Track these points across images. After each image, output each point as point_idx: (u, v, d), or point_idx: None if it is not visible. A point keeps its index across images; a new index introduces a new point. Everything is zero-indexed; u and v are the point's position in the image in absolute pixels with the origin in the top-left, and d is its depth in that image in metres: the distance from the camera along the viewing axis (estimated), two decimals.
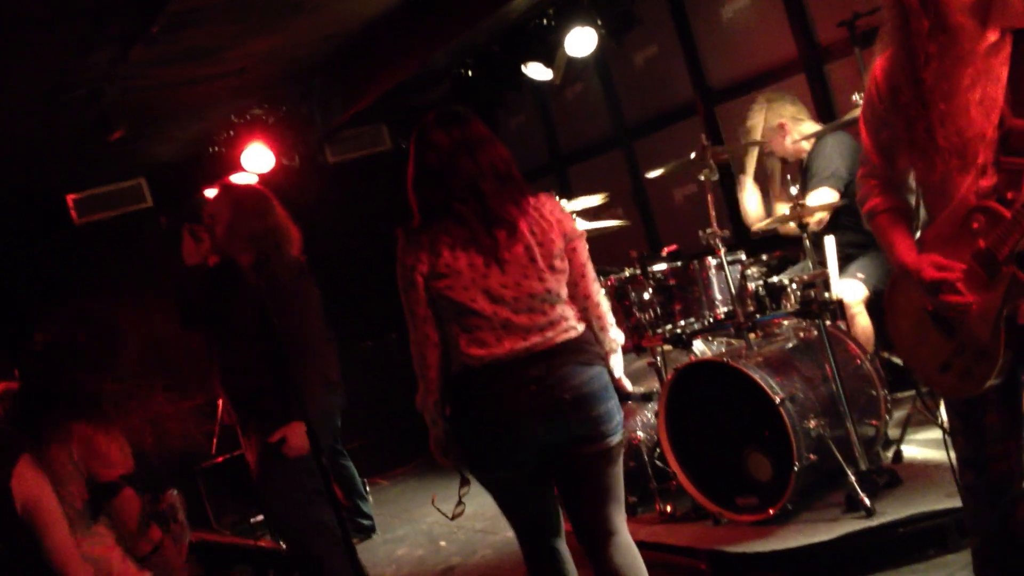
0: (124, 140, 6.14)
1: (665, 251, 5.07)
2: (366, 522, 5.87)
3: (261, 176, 6.93)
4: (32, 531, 2.68)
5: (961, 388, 2.39)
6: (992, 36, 2.22)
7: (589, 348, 2.94)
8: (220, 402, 5.54)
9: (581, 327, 2.95)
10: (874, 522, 3.70)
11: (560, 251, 2.93)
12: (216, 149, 6.99)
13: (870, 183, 2.56)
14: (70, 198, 7.43)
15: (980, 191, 2.23)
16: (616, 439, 2.92)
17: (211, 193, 7.23)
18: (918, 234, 2.48)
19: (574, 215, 5.06)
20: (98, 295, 7.67)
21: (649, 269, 4.66)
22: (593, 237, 5.17)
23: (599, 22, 5.83)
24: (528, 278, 2.86)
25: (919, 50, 2.23)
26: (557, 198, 4.94)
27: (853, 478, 3.86)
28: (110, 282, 7.82)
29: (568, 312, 2.93)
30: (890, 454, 4.29)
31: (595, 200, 5.20)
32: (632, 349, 4.74)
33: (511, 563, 4.77)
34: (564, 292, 2.94)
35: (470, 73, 6.50)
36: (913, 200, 2.54)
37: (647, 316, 4.62)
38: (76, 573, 2.73)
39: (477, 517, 5.31)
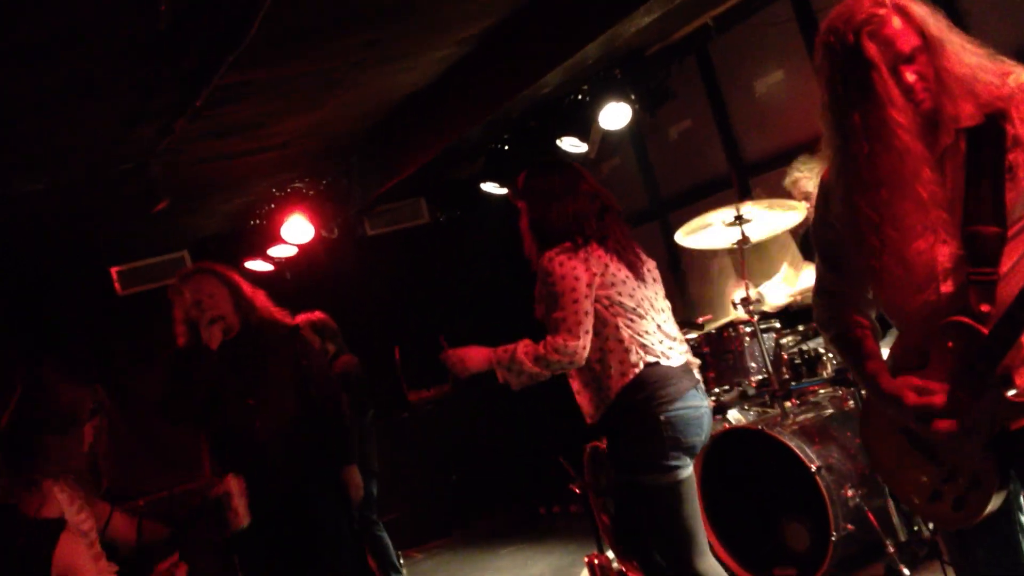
0: (167, 213, 6.29)
1: (700, 320, 5.07)
2: None
3: (300, 247, 7.04)
4: None
5: (957, 520, 2.16)
6: (946, 140, 2.09)
7: None
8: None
9: None
10: None
11: None
12: (257, 222, 7.13)
13: (829, 303, 2.37)
14: (114, 270, 7.59)
15: (941, 300, 2.09)
16: None
17: (257, 266, 7.37)
18: (885, 351, 2.31)
19: None
20: (139, 365, 7.80)
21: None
22: None
23: (633, 97, 5.92)
24: (662, 294, 3.49)
25: (861, 174, 2.10)
26: None
27: (892, 549, 3.79)
28: (152, 352, 7.94)
29: None
30: (930, 525, 4.19)
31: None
32: None
33: None
34: None
35: (505, 147, 6.60)
36: (874, 312, 2.35)
37: None
38: None
39: None
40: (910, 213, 2.07)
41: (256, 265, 7.53)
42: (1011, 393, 2.01)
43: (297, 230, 6.81)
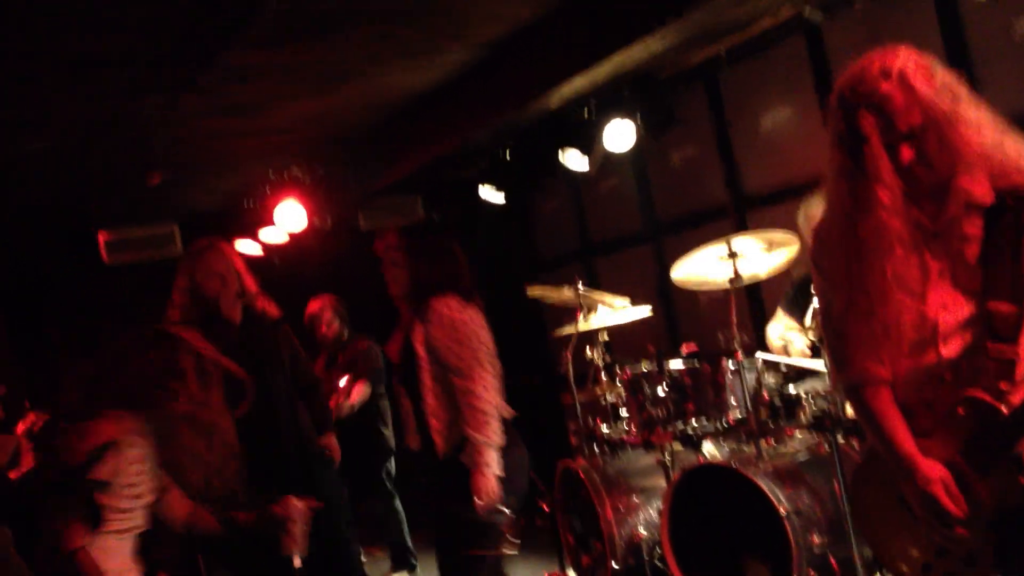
0: (162, 185, 6.25)
1: (684, 349, 5.06)
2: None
3: (292, 236, 7.00)
4: None
5: None
6: (954, 211, 2.08)
7: None
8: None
9: None
10: None
11: None
12: (251, 203, 7.08)
13: (843, 345, 2.26)
14: (102, 236, 7.52)
15: (943, 364, 2.09)
16: None
17: (246, 247, 7.33)
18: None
19: (600, 305, 5.07)
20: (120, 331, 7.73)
21: (666, 365, 4.65)
22: (615, 329, 5.20)
23: (639, 118, 5.91)
24: None
25: (845, 237, 2.13)
26: (582, 287, 5.00)
27: None
28: (134, 324, 7.88)
29: None
30: None
31: (619, 302, 5.21)
32: (641, 444, 4.71)
33: None
34: None
35: (508, 154, 6.59)
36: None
37: (659, 412, 4.60)
38: None
39: None
40: (883, 284, 2.09)
41: (245, 247, 7.48)
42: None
43: (290, 215, 6.76)
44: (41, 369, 6.79)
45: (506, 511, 3.52)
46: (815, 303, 4.41)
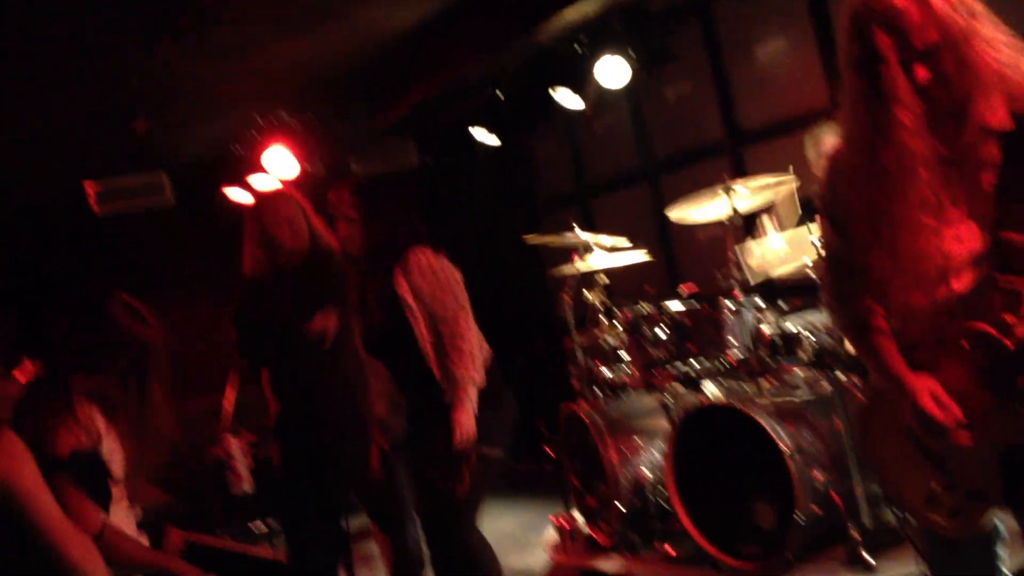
0: (148, 135, 6.15)
1: (684, 290, 5.04)
2: None
3: (284, 183, 6.92)
4: (13, 510, 2.50)
5: (949, 527, 2.16)
6: (970, 136, 2.03)
7: None
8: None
9: None
10: None
11: None
12: (239, 150, 6.99)
13: (841, 275, 2.26)
14: (90, 187, 7.43)
15: (954, 299, 2.05)
16: None
17: (236, 194, 7.26)
18: None
19: (596, 246, 5.05)
20: (114, 286, 7.69)
21: (665, 306, 4.64)
22: (614, 271, 5.19)
23: (632, 54, 5.82)
24: None
25: (863, 165, 2.08)
26: (578, 231, 4.98)
27: (856, 534, 3.83)
28: (128, 276, 7.84)
29: None
30: (897, 515, 4.24)
31: (618, 241, 5.19)
32: (642, 386, 4.73)
33: None
34: None
35: (501, 95, 6.49)
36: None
37: (660, 354, 4.60)
38: (71, 546, 2.54)
39: None
40: (906, 212, 2.03)
41: (236, 194, 7.40)
42: None
43: (280, 162, 6.68)
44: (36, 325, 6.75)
45: (483, 451, 3.57)
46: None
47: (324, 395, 4.09)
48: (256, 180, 7.04)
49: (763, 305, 4.57)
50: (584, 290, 5.08)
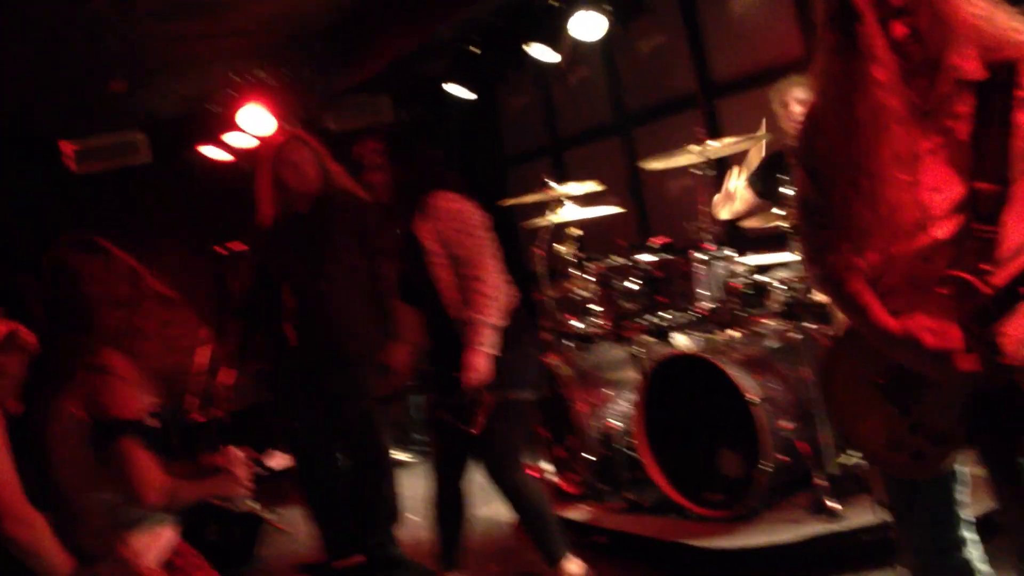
0: (123, 94, 6.11)
1: (656, 242, 5.05)
2: None
3: (261, 139, 6.88)
4: None
5: (911, 470, 2.19)
6: (944, 88, 2.05)
7: None
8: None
9: None
10: (839, 527, 3.73)
11: None
12: (215, 107, 6.95)
13: (816, 229, 2.24)
14: (68, 147, 7.38)
15: (936, 246, 2.07)
16: None
17: (213, 152, 7.23)
18: None
19: (567, 200, 5.04)
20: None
21: (636, 259, 4.65)
22: (586, 224, 5.19)
23: (607, 6, 5.77)
24: None
25: (839, 119, 2.10)
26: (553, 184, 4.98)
27: (821, 481, 3.88)
28: (104, 232, 7.80)
29: None
30: (860, 462, 4.29)
31: (589, 188, 5.18)
32: (613, 337, 4.75)
33: (479, 539, 4.78)
34: None
35: (474, 49, 6.45)
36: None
37: (630, 306, 4.62)
38: (19, 527, 2.40)
39: None
40: (880, 166, 2.06)
41: (212, 152, 7.36)
42: (1000, 357, 1.99)
43: (255, 119, 6.64)
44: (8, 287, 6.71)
45: (509, 394, 3.65)
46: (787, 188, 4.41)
47: (324, 331, 4.31)
48: (232, 138, 7.01)
49: (734, 255, 4.58)
50: (555, 243, 5.08)
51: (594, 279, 4.77)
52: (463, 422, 3.62)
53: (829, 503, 3.83)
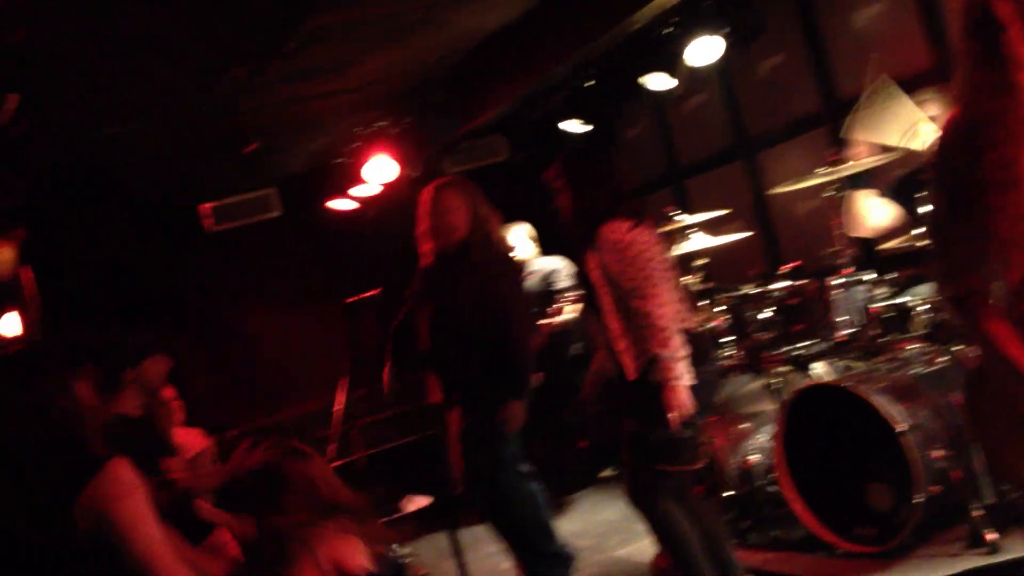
0: (254, 153, 6.35)
1: (787, 268, 4.91)
2: None
3: (384, 185, 7.05)
4: (113, 542, 2.44)
5: None
6: None
7: None
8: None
9: None
10: (998, 559, 3.52)
11: None
12: (341, 160, 7.15)
13: (948, 255, 2.19)
14: (206, 207, 7.72)
15: None
16: None
17: (340, 204, 7.44)
18: None
19: (694, 229, 4.96)
20: (230, 300, 7.99)
21: (768, 287, 4.54)
22: (711, 253, 5.10)
23: (725, 29, 5.68)
24: None
25: (987, 131, 2.02)
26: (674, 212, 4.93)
27: (977, 513, 3.67)
28: (240, 287, 8.13)
29: None
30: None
31: (714, 215, 5.09)
32: (748, 369, 4.64)
33: None
34: None
35: (588, 84, 6.44)
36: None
37: (765, 336, 4.51)
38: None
39: (583, 535, 5.29)
40: None
41: (340, 203, 7.57)
42: None
43: (380, 169, 6.81)
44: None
45: (696, 425, 3.60)
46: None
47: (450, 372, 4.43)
48: (358, 188, 7.19)
49: (873, 279, 4.42)
50: (682, 274, 5.00)
51: (724, 309, 4.67)
52: (678, 462, 3.58)
53: (987, 535, 3.62)
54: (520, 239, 6.34)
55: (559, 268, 6.20)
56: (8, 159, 5.76)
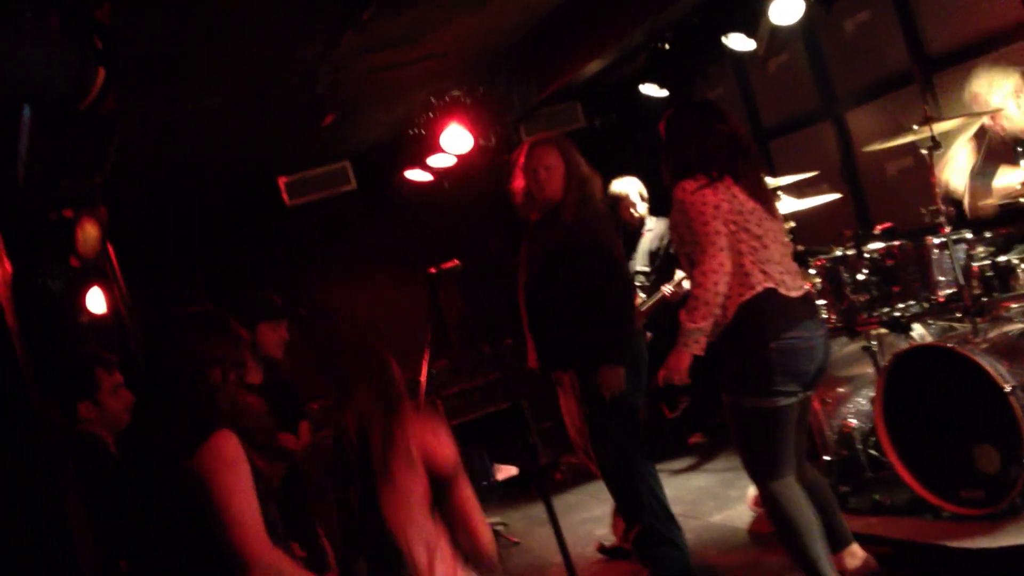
0: (332, 125, 6.37)
1: (879, 229, 4.80)
2: None
3: (459, 157, 7.03)
4: (206, 509, 2.50)
5: None
6: None
7: None
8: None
9: None
10: None
11: None
12: (416, 131, 7.15)
13: None
14: (282, 181, 7.80)
15: None
16: None
17: (416, 175, 7.45)
18: None
19: (779, 191, 4.88)
20: (308, 272, 8.08)
21: (864, 248, 4.44)
22: (800, 215, 5.00)
23: None
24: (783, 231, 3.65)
25: None
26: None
27: None
28: (317, 260, 8.21)
29: None
30: None
31: (803, 176, 5.00)
32: (844, 332, 4.55)
33: (714, 548, 4.69)
34: None
35: (667, 47, 6.34)
36: None
37: (861, 298, 4.41)
38: (255, 561, 2.48)
39: (676, 501, 5.24)
40: None
41: (415, 175, 7.59)
42: None
43: (456, 139, 6.79)
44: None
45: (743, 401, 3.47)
46: None
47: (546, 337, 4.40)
48: (434, 160, 7.19)
49: (970, 239, 4.30)
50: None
51: (817, 273, 4.59)
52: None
53: None
54: (634, 193, 6.28)
55: None
56: (94, 136, 5.85)
